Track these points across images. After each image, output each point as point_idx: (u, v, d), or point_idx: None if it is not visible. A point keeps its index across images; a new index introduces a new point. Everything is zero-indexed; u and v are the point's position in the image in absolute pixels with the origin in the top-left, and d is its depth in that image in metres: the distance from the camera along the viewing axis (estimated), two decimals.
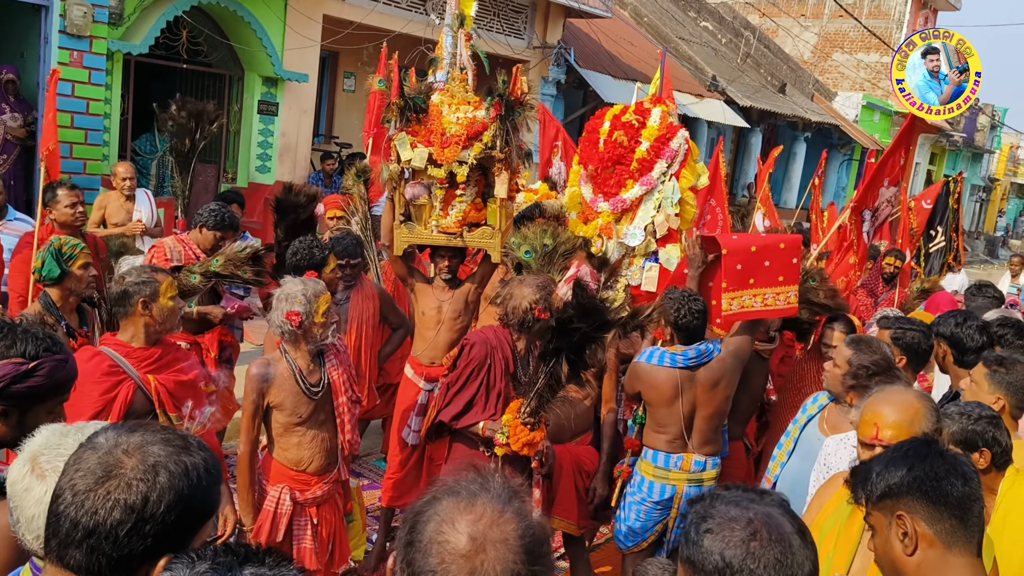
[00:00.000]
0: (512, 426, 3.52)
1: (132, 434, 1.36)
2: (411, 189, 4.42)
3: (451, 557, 1.19)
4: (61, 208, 4.98)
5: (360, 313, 4.97)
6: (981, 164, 37.86)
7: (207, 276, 4.43)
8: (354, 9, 11.53)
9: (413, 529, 1.24)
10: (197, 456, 1.37)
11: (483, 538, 1.19)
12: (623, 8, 20.58)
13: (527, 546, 1.21)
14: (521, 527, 1.22)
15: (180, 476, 1.32)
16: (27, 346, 2.05)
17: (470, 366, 3.76)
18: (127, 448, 1.33)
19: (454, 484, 1.28)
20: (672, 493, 4.03)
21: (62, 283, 3.78)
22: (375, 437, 6.24)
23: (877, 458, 1.94)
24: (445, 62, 4.58)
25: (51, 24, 8.09)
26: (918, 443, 1.91)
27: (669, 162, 4.98)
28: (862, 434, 2.44)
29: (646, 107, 5.19)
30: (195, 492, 1.33)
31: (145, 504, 1.28)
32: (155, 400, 3.19)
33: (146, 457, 1.32)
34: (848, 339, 3.58)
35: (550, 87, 15.11)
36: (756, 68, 23.15)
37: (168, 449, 1.34)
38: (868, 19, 26.42)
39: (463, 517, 1.22)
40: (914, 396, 2.45)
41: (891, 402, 2.42)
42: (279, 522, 3.56)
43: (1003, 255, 31.97)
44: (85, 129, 8.49)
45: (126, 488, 1.29)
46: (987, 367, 3.13)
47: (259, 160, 11.15)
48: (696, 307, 3.99)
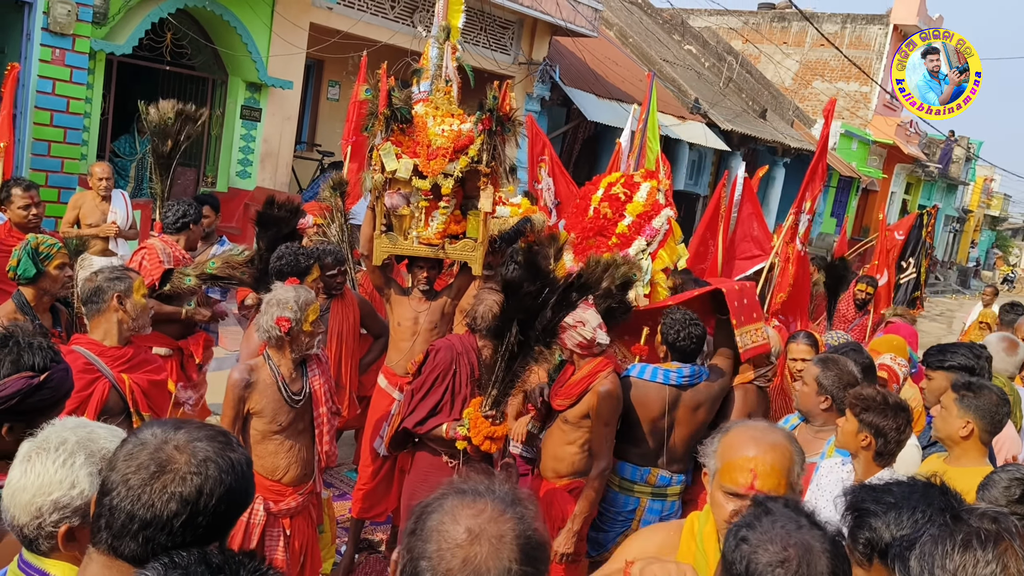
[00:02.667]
0: (473, 419, 3.50)
1: (178, 431, 1.43)
2: (390, 199, 4.42)
3: (447, 545, 1.24)
4: (14, 209, 4.94)
5: (341, 323, 4.94)
6: (955, 195, 38.47)
7: (202, 278, 4.41)
8: (341, 18, 11.54)
9: (419, 520, 1.30)
10: (238, 451, 1.46)
11: (480, 531, 1.25)
12: (609, 28, 20.75)
13: (523, 547, 1.25)
14: (519, 528, 1.27)
15: (228, 470, 1.40)
16: (34, 358, 2.04)
17: (435, 371, 3.75)
18: (177, 444, 1.40)
19: (463, 484, 1.34)
20: (635, 505, 4.02)
21: (37, 283, 3.73)
22: (347, 448, 6.19)
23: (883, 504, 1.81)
24: (430, 73, 4.59)
25: (34, 21, 8.02)
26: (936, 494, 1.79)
27: (649, 240, 4.89)
28: (731, 481, 2.02)
29: (636, 180, 5.13)
30: (240, 484, 1.42)
31: (199, 496, 1.36)
32: (129, 399, 3.15)
33: (196, 452, 1.39)
34: (816, 359, 3.62)
35: (534, 103, 15.19)
36: (738, 93, 23.40)
37: (215, 445, 1.42)
38: (849, 49, 26.84)
39: (465, 512, 1.28)
40: (783, 436, 2.10)
41: (762, 443, 2.03)
42: (252, 532, 3.52)
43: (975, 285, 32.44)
44: (64, 128, 8.41)
45: (181, 482, 1.36)
46: (955, 392, 3.17)
47: (240, 165, 11.09)
48: (696, 332, 3.97)
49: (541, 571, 1.28)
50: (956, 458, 3.17)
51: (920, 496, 1.83)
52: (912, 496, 1.83)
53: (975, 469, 2.98)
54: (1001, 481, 2.54)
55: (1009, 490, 2.50)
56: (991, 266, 45.62)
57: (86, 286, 3.20)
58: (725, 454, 2.07)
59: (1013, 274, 42.68)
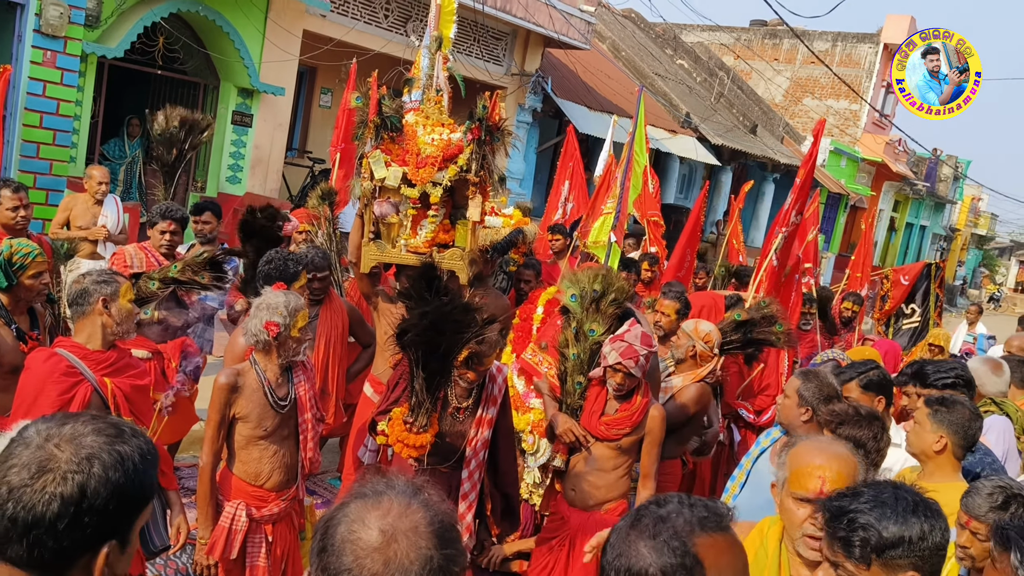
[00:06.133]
0: (394, 420, 3.48)
1: (63, 426, 1.36)
2: (379, 207, 4.43)
3: (364, 552, 1.21)
4: (2, 210, 4.89)
5: (329, 329, 4.93)
6: (943, 214, 38.75)
7: (166, 282, 4.39)
8: (334, 26, 11.56)
9: (325, 535, 1.26)
10: (131, 444, 1.37)
11: (393, 529, 1.23)
12: (602, 41, 20.86)
13: (437, 532, 1.25)
14: (429, 515, 1.27)
15: (115, 465, 1.33)
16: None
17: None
18: (59, 441, 1.33)
19: (360, 488, 1.31)
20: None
21: (11, 292, 3.70)
22: (332, 455, 6.18)
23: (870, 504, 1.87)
24: (421, 82, 4.61)
25: (26, 23, 8.00)
26: (917, 495, 1.88)
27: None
28: (801, 488, 2.25)
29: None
30: (131, 479, 1.34)
31: (83, 496, 1.29)
32: (111, 403, 3.14)
33: (79, 449, 1.32)
34: (797, 372, 3.67)
35: (526, 115, 15.23)
36: (729, 108, 23.54)
37: (101, 439, 1.34)
38: (839, 67, 27.03)
39: (371, 514, 1.25)
40: (847, 448, 2.38)
41: (828, 453, 2.29)
42: (234, 539, 3.50)
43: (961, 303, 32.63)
44: (54, 130, 8.38)
45: (62, 481, 1.29)
46: (929, 407, 3.18)
47: (230, 171, 11.08)
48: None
49: (459, 550, 1.28)
50: (929, 473, 3.17)
51: (892, 489, 1.91)
52: (886, 491, 1.90)
53: (949, 485, 3.00)
54: (985, 489, 2.61)
55: (992, 497, 2.59)
56: (978, 285, 45.92)
57: (73, 288, 3.19)
58: (794, 463, 2.29)
59: (1000, 293, 42.97)
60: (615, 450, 3.86)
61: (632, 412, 3.81)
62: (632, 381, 3.78)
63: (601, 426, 3.85)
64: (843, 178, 25.91)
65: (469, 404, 3.68)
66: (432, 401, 3.47)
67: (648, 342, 3.80)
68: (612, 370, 3.76)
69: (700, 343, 4.57)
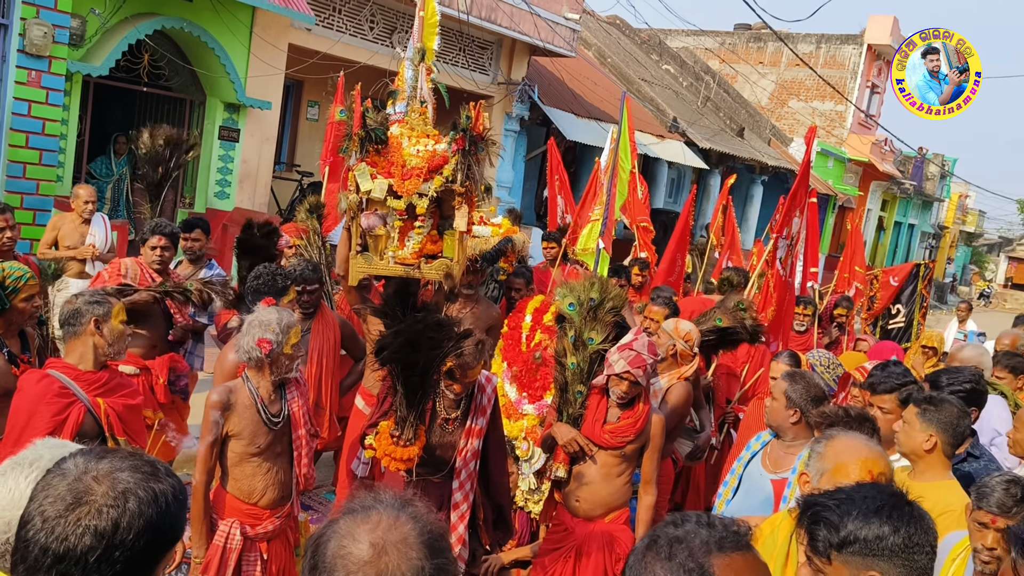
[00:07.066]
0: (381, 433, 3.47)
1: (101, 460, 1.36)
2: (366, 219, 4.43)
3: (356, 566, 1.22)
4: None
5: (322, 343, 4.93)
6: (931, 212, 38.93)
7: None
8: (320, 39, 11.57)
9: (316, 553, 1.27)
10: (165, 483, 1.38)
11: (383, 542, 1.24)
12: (587, 48, 20.93)
13: (427, 542, 1.26)
14: (418, 527, 1.28)
15: (149, 503, 1.33)
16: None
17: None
18: (96, 475, 1.34)
19: (348, 504, 1.32)
20: None
21: (3, 316, 3.69)
22: (326, 470, 6.15)
23: (838, 501, 1.87)
24: (405, 94, 4.62)
25: (10, 43, 7.99)
26: (894, 497, 1.87)
27: None
28: (846, 477, 2.34)
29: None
30: (163, 518, 1.35)
31: (115, 530, 1.29)
32: (104, 424, 3.13)
33: (116, 484, 1.33)
34: (784, 373, 3.68)
35: (513, 123, 15.27)
36: (716, 112, 23.64)
37: (137, 476, 1.35)
38: (824, 69, 27.18)
39: (361, 528, 1.26)
40: (879, 446, 2.54)
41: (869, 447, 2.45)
42: (228, 557, 3.48)
43: (951, 301, 32.78)
44: (40, 150, 8.36)
45: (96, 515, 1.29)
46: (917, 406, 3.20)
47: (218, 186, 11.06)
48: None
49: (450, 559, 1.29)
50: (920, 472, 3.18)
51: (869, 487, 1.94)
52: (861, 488, 1.92)
53: (940, 483, 3.02)
54: (999, 485, 2.60)
55: (1009, 491, 2.59)
56: (968, 282, 46.13)
57: (65, 308, 3.19)
58: (838, 457, 2.45)
59: (989, 289, 43.18)
60: (619, 458, 3.85)
61: (636, 419, 3.81)
62: (637, 389, 3.79)
63: (605, 434, 3.84)
64: (830, 179, 26.04)
65: (458, 415, 3.67)
66: (416, 415, 3.45)
67: (654, 351, 3.82)
68: (618, 378, 3.75)
69: (680, 342, 4.60)
